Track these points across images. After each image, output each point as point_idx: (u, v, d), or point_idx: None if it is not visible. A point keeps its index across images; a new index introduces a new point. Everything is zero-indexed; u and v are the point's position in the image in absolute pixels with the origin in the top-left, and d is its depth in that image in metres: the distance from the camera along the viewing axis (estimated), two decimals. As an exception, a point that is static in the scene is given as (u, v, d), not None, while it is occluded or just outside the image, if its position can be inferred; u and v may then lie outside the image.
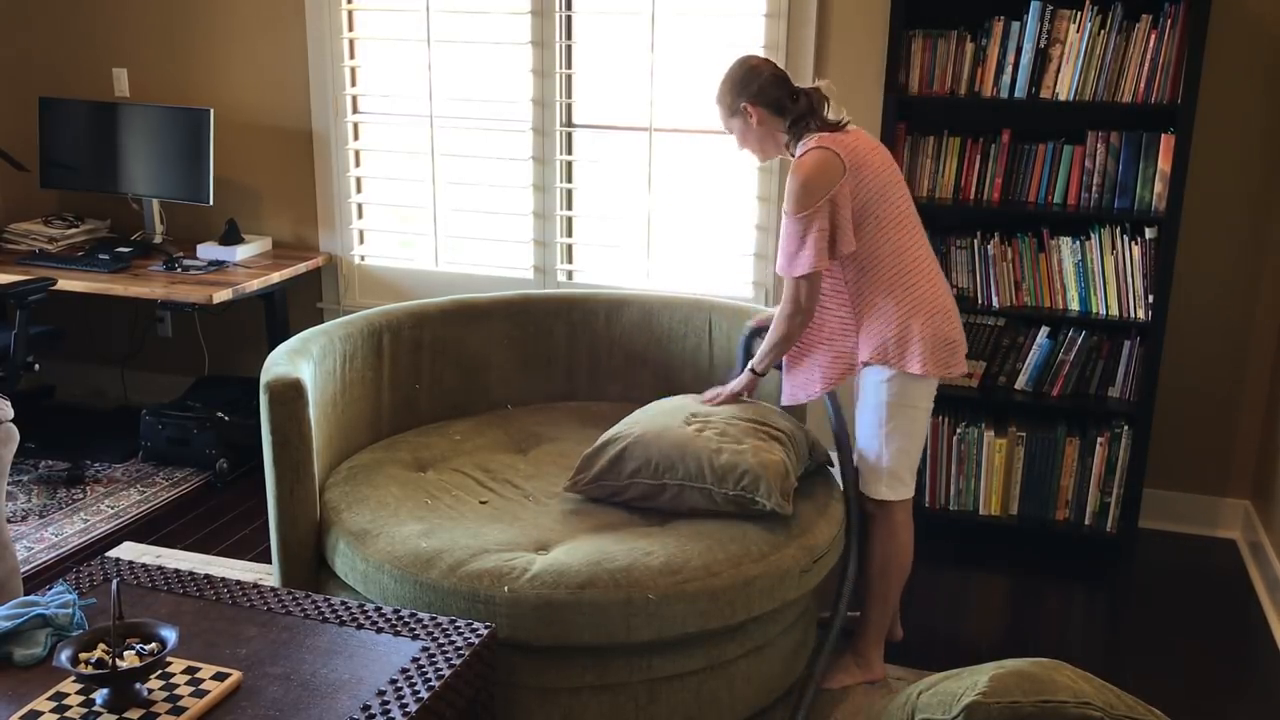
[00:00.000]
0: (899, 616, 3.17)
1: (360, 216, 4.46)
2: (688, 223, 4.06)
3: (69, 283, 4.01)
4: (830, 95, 2.78)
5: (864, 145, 2.74)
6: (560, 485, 2.91)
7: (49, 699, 1.99)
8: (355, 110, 4.36)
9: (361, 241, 4.49)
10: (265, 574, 3.43)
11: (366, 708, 2.00)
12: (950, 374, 2.80)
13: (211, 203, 4.29)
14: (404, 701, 2.02)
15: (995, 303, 3.67)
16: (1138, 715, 2.09)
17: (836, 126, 2.75)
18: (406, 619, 2.30)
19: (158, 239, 4.44)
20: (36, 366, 3.96)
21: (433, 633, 2.26)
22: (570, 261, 4.27)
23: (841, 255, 2.72)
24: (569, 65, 4.07)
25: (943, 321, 2.77)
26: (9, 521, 3.73)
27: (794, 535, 2.69)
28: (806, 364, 2.88)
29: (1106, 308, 3.58)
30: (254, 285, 4.07)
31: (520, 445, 3.21)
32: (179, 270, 4.15)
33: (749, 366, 2.92)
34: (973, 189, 3.65)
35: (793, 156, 2.77)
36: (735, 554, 2.57)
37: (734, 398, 2.93)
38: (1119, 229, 3.52)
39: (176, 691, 2.01)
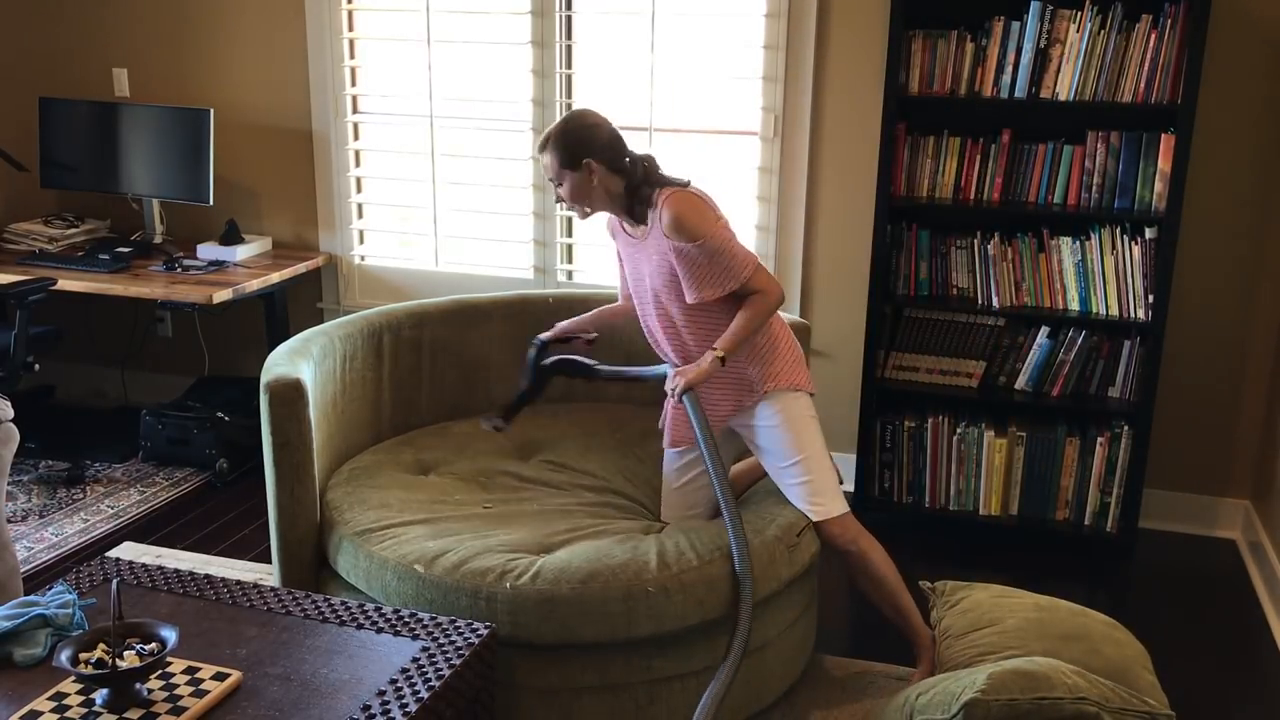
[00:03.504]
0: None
1: (360, 216, 4.46)
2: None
3: (69, 283, 4.01)
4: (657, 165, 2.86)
5: None
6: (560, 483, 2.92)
7: (49, 699, 1.99)
8: (355, 110, 4.35)
9: (361, 241, 4.49)
10: (265, 574, 3.43)
11: (366, 708, 2.01)
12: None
13: (211, 203, 4.29)
14: (404, 701, 2.03)
15: (995, 303, 3.67)
16: (1131, 706, 2.10)
17: (681, 184, 2.83)
18: (406, 619, 2.30)
19: (158, 239, 4.44)
20: (36, 366, 3.95)
21: (433, 633, 2.26)
22: (570, 261, 4.27)
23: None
24: (569, 65, 4.07)
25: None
26: (9, 521, 3.72)
27: (769, 520, 2.75)
28: (715, 393, 2.84)
29: (1106, 308, 3.58)
30: (254, 285, 4.07)
31: (521, 449, 3.21)
32: (179, 270, 4.15)
33: (716, 351, 2.73)
34: (973, 189, 3.65)
35: (629, 217, 2.85)
36: (725, 545, 2.61)
37: (695, 383, 2.75)
38: (1119, 229, 3.52)
39: (176, 691, 2.01)
